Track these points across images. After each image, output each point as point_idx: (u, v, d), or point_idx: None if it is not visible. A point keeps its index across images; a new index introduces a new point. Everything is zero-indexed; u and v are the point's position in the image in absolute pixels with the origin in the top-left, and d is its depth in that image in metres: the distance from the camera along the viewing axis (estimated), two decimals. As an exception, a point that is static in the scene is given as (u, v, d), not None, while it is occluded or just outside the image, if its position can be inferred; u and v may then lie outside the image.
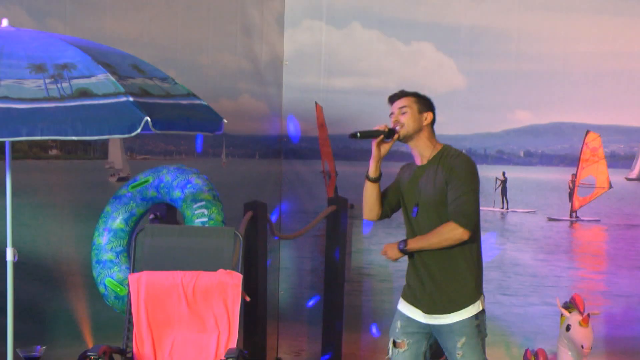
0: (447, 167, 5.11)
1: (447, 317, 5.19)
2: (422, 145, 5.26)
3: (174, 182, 6.85)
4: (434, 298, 5.20)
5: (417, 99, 5.28)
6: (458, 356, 5.18)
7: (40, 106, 4.65)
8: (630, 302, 7.61)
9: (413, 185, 5.25)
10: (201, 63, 8.08)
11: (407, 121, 5.20)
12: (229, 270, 6.04)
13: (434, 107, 5.32)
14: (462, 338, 5.18)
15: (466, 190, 5.07)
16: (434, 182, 5.13)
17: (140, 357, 5.96)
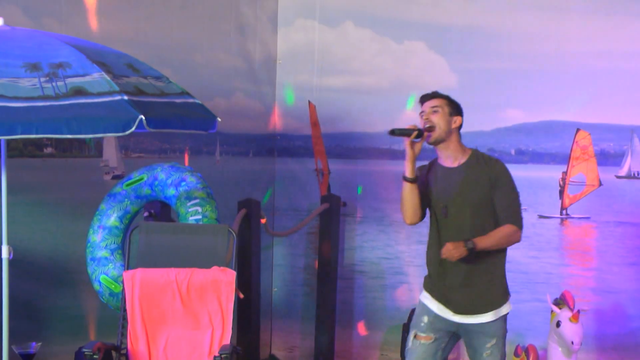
0: (492, 173, 5.19)
1: (481, 317, 5.25)
2: (453, 148, 5.25)
3: (168, 180, 6.85)
4: (469, 298, 5.23)
5: (449, 101, 5.29)
6: (485, 355, 5.26)
7: (35, 105, 4.65)
8: (619, 299, 7.62)
9: (444, 187, 5.25)
10: (195, 62, 8.08)
11: (438, 121, 5.18)
12: (222, 268, 6.04)
13: (462, 112, 5.32)
14: (492, 339, 5.26)
15: (516, 196, 5.24)
16: (475, 185, 5.17)
17: (134, 354, 5.96)
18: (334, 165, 8.78)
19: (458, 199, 5.19)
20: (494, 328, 5.26)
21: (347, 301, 8.54)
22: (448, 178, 5.24)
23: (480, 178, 5.18)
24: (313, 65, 8.84)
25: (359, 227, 8.64)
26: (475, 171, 5.20)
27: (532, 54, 7.92)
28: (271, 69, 9.00)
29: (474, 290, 5.22)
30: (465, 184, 5.19)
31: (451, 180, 5.23)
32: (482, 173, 5.19)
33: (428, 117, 5.18)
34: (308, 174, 8.85)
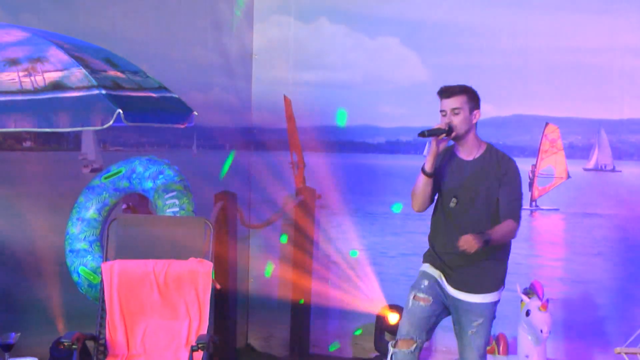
0: (501, 169, 5.32)
1: (474, 296, 5.38)
2: (470, 142, 5.38)
3: (145, 173, 6.84)
4: (467, 277, 5.37)
5: (469, 97, 5.36)
6: (470, 333, 5.41)
7: (14, 99, 4.65)
8: (587, 288, 7.65)
9: (457, 178, 5.36)
10: (172, 57, 8.06)
11: (460, 124, 5.27)
12: (199, 259, 6.05)
13: (480, 102, 5.42)
14: (480, 319, 5.39)
15: (520, 194, 5.39)
16: (485, 180, 5.30)
17: (113, 344, 5.94)
18: (309, 158, 8.78)
19: (469, 191, 5.31)
20: (483, 309, 5.41)
21: (321, 292, 8.54)
22: (462, 170, 5.36)
23: (491, 172, 5.30)
24: (288, 60, 8.83)
25: (333, 219, 8.65)
26: (488, 165, 5.32)
27: (502, 50, 7.94)
28: (247, 64, 9.00)
29: (474, 271, 5.36)
30: (477, 177, 5.31)
31: (465, 172, 5.35)
32: (494, 168, 5.31)
33: (450, 120, 5.27)
34: (283, 167, 8.85)
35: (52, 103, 4.71)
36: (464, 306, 5.42)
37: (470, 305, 5.41)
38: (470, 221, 5.30)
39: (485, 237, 5.10)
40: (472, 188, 5.33)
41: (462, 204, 5.34)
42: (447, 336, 5.38)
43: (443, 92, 5.37)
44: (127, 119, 4.78)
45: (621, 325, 7.20)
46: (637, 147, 7.64)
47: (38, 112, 4.67)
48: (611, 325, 7.43)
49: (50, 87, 4.74)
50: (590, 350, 7.53)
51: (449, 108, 5.30)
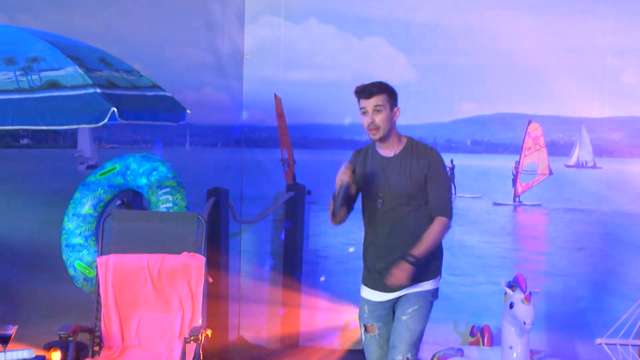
0: (424, 162, 5.12)
1: (409, 289, 5.18)
2: (392, 140, 5.20)
3: (140, 169, 6.84)
4: None
5: (389, 95, 5.15)
6: (403, 319, 5.18)
7: (11, 97, 4.64)
8: (568, 281, 7.67)
9: (381, 177, 5.16)
10: (166, 57, 8.05)
11: (383, 123, 5.08)
12: (192, 253, 6.06)
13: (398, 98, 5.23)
14: (415, 305, 5.19)
15: (446, 186, 5.20)
16: (408, 175, 5.10)
17: (108, 336, 5.95)
18: (299, 155, 8.78)
19: (394, 190, 5.12)
20: (417, 297, 5.20)
21: (311, 285, 8.54)
22: (385, 168, 5.17)
23: (415, 167, 5.11)
24: (279, 60, 8.83)
25: (323, 215, 8.64)
26: (410, 160, 5.14)
27: (486, 51, 7.95)
28: (238, 64, 8.99)
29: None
30: (401, 174, 5.12)
31: (387, 170, 5.16)
32: (417, 162, 5.12)
33: (372, 120, 5.08)
34: (274, 164, 8.85)
35: (49, 101, 4.70)
36: (403, 299, 5.23)
37: (408, 295, 5.21)
38: (401, 220, 5.13)
39: (410, 259, 4.99)
40: (397, 186, 5.13)
41: (387, 205, 5.14)
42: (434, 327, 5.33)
43: (362, 91, 5.14)
44: (121, 117, 4.78)
45: (602, 316, 7.21)
46: (617, 144, 7.66)
47: (35, 110, 4.67)
48: (592, 316, 7.45)
49: (47, 85, 4.74)
50: (572, 341, 7.55)
51: (370, 106, 5.08)
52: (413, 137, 5.31)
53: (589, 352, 7.35)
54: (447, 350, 7.40)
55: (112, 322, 5.97)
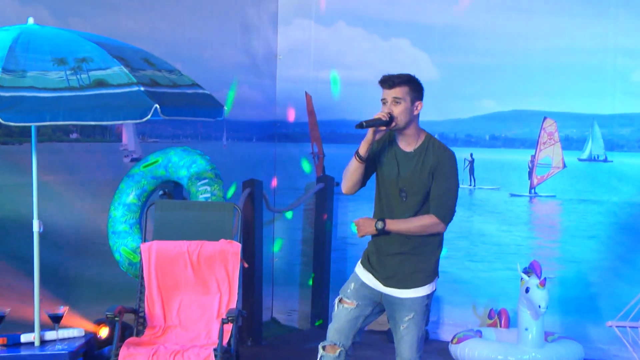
0: (434, 160, 4.80)
1: (403, 292, 4.91)
2: (410, 134, 4.85)
3: (180, 162, 6.86)
4: (396, 272, 4.91)
5: (411, 88, 4.81)
6: (401, 328, 4.92)
7: (62, 95, 4.66)
8: (580, 267, 7.63)
9: (402, 171, 4.86)
10: (204, 57, 8.06)
11: (400, 115, 4.74)
12: (229, 240, 6.07)
13: (423, 94, 4.91)
14: (410, 314, 4.90)
15: (450, 187, 4.84)
16: (419, 173, 4.81)
17: (151, 317, 5.98)
18: (328, 149, 8.79)
19: (414, 185, 4.82)
20: (413, 304, 4.90)
21: (340, 270, 8.54)
22: (405, 162, 4.86)
23: (426, 164, 4.81)
24: (309, 60, 8.83)
25: (350, 205, 8.64)
26: (426, 157, 4.83)
27: (504, 51, 7.92)
28: (272, 64, 9.00)
29: (403, 267, 4.89)
30: (419, 170, 4.81)
31: (408, 164, 4.85)
32: (429, 160, 4.82)
33: (390, 110, 4.75)
34: (305, 157, 8.85)
35: (96, 99, 4.72)
36: (396, 301, 4.92)
37: (402, 300, 4.90)
38: (409, 210, 4.84)
39: (378, 225, 4.81)
40: (417, 182, 4.80)
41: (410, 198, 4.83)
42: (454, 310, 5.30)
43: (385, 81, 4.83)
44: (163, 113, 4.79)
45: (612, 301, 7.18)
46: (627, 139, 7.61)
47: (83, 107, 4.69)
48: (603, 301, 7.41)
49: (95, 84, 4.76)
50: (584, 324, 7.52)
51: (390, 97, 4.76)
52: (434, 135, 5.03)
53: (600, 334, 7.33)
54: (467, 331, 7.40)
55: (155, 304, 6.00)
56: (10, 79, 4.62)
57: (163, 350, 5.45)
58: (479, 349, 7.07)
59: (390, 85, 4.80)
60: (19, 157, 6.31)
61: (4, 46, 4.80)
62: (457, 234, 8.13)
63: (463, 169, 8.21)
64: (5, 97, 4.56)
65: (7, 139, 6.67)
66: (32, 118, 4.65)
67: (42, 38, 4.97)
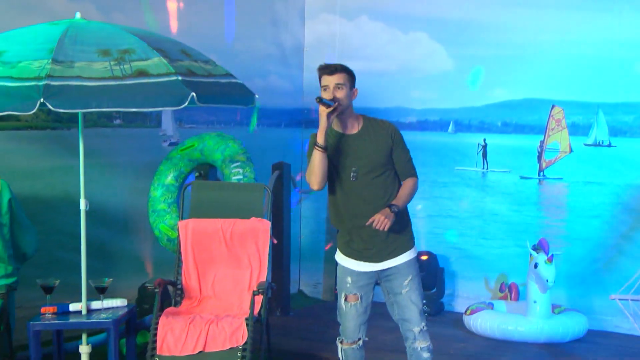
0: (387, 132, 4.81)
1: (398, 259, 4.84)
2: (351, 118, 4.83)
3: (214, 146, 6.88)
4: (384, 247, 4.82)
5: (349, 76, 4.80)
6: (403, 292, 4.83)
7: (106, 84, 4.67)
8: (586, 245, 7.60)
9: (350, 152, 4.77)
10: (237, 49, 8.07)
11: (343, 98, 4.71)
12: (259, 218, 6.08)
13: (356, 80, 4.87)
14: (408, 276, 4.83)
15: (408, 151, 4.88)
16: (376, 147, 4.77)
17: (188, 288, 6.00)
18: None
19: (366, 162, 4.75)
20: (408, 267, 4.84)
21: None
22: (351, 144, 4.80)
23: (380, 139, 4.79)
24: (334, 52, 8.81)
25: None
26: (374, 134, 4.80)
27: (515, 43, 7.88)
28: (299, 55, 8.99)
29: (388, 240, 4.80)
30: (369, 147, 4.77)
31: (355, 145, 4.79)
32: (381, 135, 4.80)
33: (333, 95, 4.70)
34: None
35: (138, 87, 4.73)
36: (393, 271, 4.84)
37: (397, 267, 4.83)
38: (376, 189, 4.77)
39: (394, 209, 4.67)
40: (369, 158, 4.75)
41: (362, 176, 4.74)
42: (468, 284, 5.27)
43: (325, 68, 4.79)
44: (199, 101, 4.79)
45: (615, 275, 7.16)
46: (629, 125, 7.57)
47: (126, 95, 4.70)
48: (606, 275, 7.38)
49: (136, 74, 4.76)
50: (589, 297, 7.49)
51: (332, 83, 4.71)
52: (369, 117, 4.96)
53: (604, 307, 7.31)
54: (479, 303, 7.40)
55: (192, 277, 6.03)
56: (59, 69, 4.64)
57: (199, 319, 5.47)
58: (491, 319, 7.08)
59: (331, 71, 4.78)
60: (68, 141, 6.37)
61: (54, 39, 4.82)
62: (470, 213, 8.12)
63: (477, 153, 8.19)
64: (55, 85, 4.58)
65: (57, 125, 6.72)
66: (79, 105, 4.66)
67: (88, 31, 4.98)
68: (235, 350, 5.34)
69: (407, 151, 4.89)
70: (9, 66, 4.68)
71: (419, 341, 4.87)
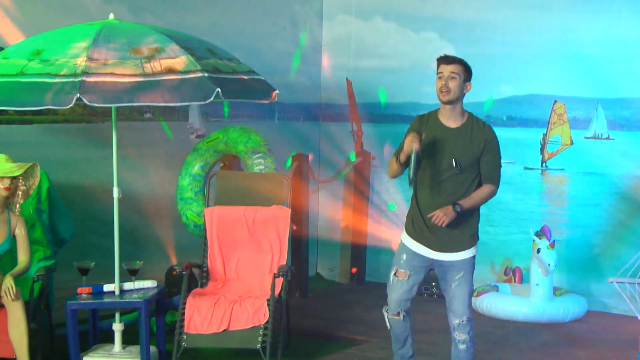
0: (484, 136, 4.74)
1: (453, 255, 4.82)
2: (458, 110, 4.76)
3: (238, 138, 6.89)
4: (444, 239, 4.80)
5: (465, 68, 4.75)
6: (453, 286, 4.84)
7: (137, 80, 4.68)
8: (585, 231, 7.59)
9: (445, 145, 4.74)
10: (259, 47, 8.06)
11: (454, 88, 4.67)
12: (280, 206, 6.10)
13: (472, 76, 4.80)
14: (460, 272, 4.83)
15: (499, 159, 4.83)
16: (470, 146, 4.72)
17: (213, 271, 6.03)
18: (365, 128, 8.77)
19: (464, 156, 4.71)
20: (462, 264, 4.83)
21: (376, 232, 8.55)
22: (448, 137, 4.76)
23: (476, 140, 4.73)
24: (350, 51, 8.81)
25: (385, 176, 8.61)
26: (472, 133, 4.74)
27: (520, 42, 7.86)
28: (317, 53, 8.98)
29: (451, 234, 4.77)
30: (463, 146, 4.72)
31: (451, 139, 4.75)
32: (478, 135, 4.74)
33: (446, 83, 4.67)
34: (346, 135, 8.85)
35: (166, 83, 4.74)
36: (447, 264, 4.83)
37: (452, 262, 4.82)
38: (453, 184, 4.73)
39: (457, 208, 4.65)
40: (465, 154, 4.71)
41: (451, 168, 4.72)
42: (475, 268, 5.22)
43: (444, 58, 4.75)
44: (224, 96, 4.80)
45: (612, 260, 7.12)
46: (627, 119, 7.55)
47: (156, 90, 4.71)
48: (605, 260, 7.36)
49: (165, 70, 4.77)
50: (588, 280, 7.48)
51: (447, 72, 4.67)
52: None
53: (602, 289, 7.31)
54: (485, 286, 7.40)
55: (217, 260, 6.05)
56: (94, 66, 4.66)
57: (223, 300, 5.49)
58: (496, 301, 7.09)
59: (448, 61, 4.74)
60: (102, 133, 6.39)
61: (89, 38, 4.83)
62: (477, 202, 8.12)
63: (483, 145, 8.18)
64: (90, 81, 4.60)
65: (92, 118, 6.75)
66: (112, 100, 4.68)
67: (121, 31, 4.99)
68: (257, 329, 5.37)
69: (497, 159, 4.82)
70: (47, 64, 4.71)
71: (457, 332, 4.92)
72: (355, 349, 6.20)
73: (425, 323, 6.63)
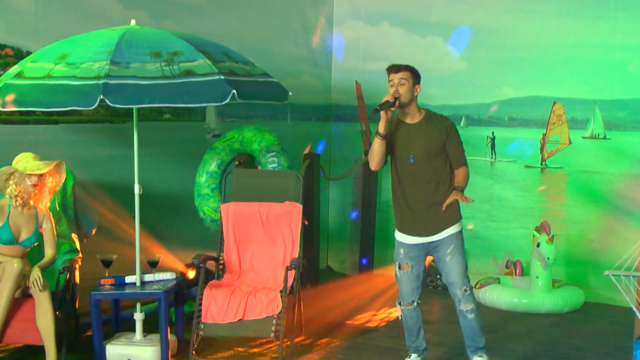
0: (444, 125, 5.00)
1: (441, 234, 5.03)
2: (413, 110, 5.00)
3: (253, 137, 6.90)
4: (431, 222, 5.03)
5: (412, 73, 4.99)
6: (447, 259, 5.03)
7: (157, 82, 4.70)
8: (583, 227, 7.56)
9: (409, 138, 4.99)
10: (273, 51, 8.08)
11: (405, 92, 4.92)
12: (292, 202, 6.10)
13: (420, 80, 5.06)
14: (451, 246, 5.02)
15: (461, 144, 5.06)
16: (432, 137, 4.96)
17: (229, 263, 6.04)
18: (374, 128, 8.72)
19: (422, 148, 4.96)
20: (451, 239, 5.03)
21: (383, 228, 8.53)
22: (411, 132, 5.00)
23: (437, 131, 4.98)
24: (359, 54, 8.81)
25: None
26: (432, 126, 4.99)
27: (520, 46, 7.85)
28: (328, 57, 8.99)
29: (436, 216, 5.00)
30: (426, 137, 4.96)
31: (414, 133, 4.99)
32: (438, 127, 4.99)
33: (397, 89, 4.92)
34: (355, 134, 8.85)
35: (185, 85, 4.75)
36: (438, 243, 5.05)
37: (442, 240, 5.03)
38: (426, 174, 4.99)
39: (459, 188, 4.92)
40: (424, 146, 4.96)
41: (419, 158, 4.96)
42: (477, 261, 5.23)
43: (392, 67, 5.02)
44: (239, 97, 4.81)
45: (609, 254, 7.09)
46: (623, 120, 7.52)
47: (174, 92, 4.72)
48: (601, 254, 7.34)
49: (184, 73, 4.79)
50: (585, 273, 7.46)
51: (397, 79, 4.94)
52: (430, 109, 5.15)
53: (599, 282, 7.28)
54: (487, 278, 7.39)
55: (232, 253, 6.06)
56: (117, 70, 4.68)
57: (239, 291, 5.51)
58: (498, 293, 7.08)
59: (396, 70, 4.99)
60: (124, 133, 6.41)
61: (112, 43, 4.85)
62: (480, 198, 8.08)
63: (486, 144, 8.16)
64: (113, 84, 4.62)
65: (114, 119, 6.77)
66: (134, 101, 4.70)
67: (142, 36, 5.01)
68: (270, 319, 5.38)
69: (460, 144, 5.07)
70: (73, 67, 4.73)
71: (463, 304, 5.08)
72: (364, 337, 6.20)
73: (431, 314, 6.64)
